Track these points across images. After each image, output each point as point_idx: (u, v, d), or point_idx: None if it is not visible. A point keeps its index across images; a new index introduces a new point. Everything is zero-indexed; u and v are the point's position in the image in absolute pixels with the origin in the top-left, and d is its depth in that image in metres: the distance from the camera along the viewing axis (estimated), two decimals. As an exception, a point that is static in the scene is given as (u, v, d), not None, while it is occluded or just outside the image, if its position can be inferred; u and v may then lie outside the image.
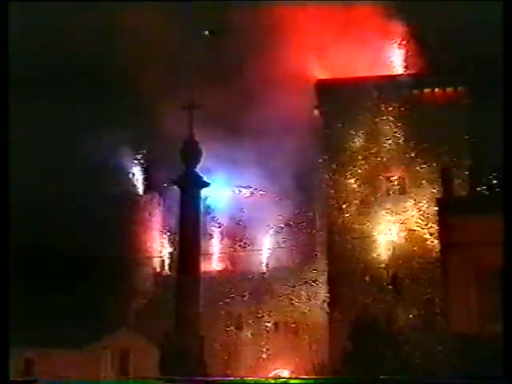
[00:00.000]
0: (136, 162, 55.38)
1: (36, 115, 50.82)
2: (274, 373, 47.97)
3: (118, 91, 52.08)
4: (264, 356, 48.33)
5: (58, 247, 48.86)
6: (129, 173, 55.33)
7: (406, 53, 48.45)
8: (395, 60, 48.83)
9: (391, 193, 45.82)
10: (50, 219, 49.46)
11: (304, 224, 49.70)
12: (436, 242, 42.50)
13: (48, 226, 49.33)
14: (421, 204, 44.46)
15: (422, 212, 44.30)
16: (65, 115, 52.91)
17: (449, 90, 46.27)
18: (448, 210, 39.83)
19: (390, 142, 45.81)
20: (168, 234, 52.97)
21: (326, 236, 46.60)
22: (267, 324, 48.88)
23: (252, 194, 51.90)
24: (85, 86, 53.80)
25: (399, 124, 45.72)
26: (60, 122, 52.20)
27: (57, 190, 49.98)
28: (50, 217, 49.53)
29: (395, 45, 48.87)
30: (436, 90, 46.33)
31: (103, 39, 52.75)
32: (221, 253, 52.66)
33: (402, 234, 44.41)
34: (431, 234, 43.39)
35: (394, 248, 44.10)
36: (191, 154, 41.94)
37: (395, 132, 45.77)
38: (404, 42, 48.52)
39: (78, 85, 53.94)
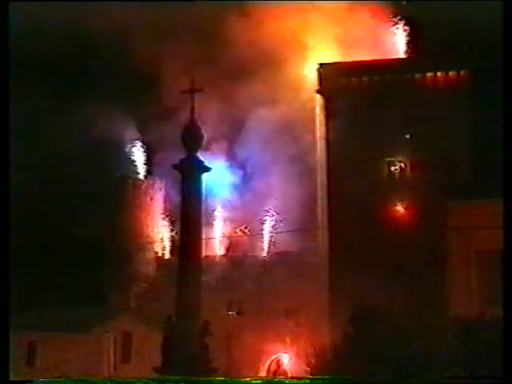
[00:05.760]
0: (137, 146, 55.47)
1: (33, 96, 50.60)
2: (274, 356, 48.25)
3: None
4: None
5: (58, 232, 48.96)
6: (130, 157, 55.39)
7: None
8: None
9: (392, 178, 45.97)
10: (49, 203, 49.56)
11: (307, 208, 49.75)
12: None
13: (47, 209, 49.43)
14: (421, 189, 44.33)
15: (422, 197, 44.09)
16: (62, 95, 52.75)
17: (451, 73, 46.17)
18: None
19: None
20: (169, 218, 53.06)
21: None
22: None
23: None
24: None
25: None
26: (57, 102, 52.06)
27: (55, 175, 50.06)
28: (49, 201, 49.64)
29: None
30: (438, 74, 46.25)
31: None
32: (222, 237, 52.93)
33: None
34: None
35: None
36: (193, 138, 41.69)
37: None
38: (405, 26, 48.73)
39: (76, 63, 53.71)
